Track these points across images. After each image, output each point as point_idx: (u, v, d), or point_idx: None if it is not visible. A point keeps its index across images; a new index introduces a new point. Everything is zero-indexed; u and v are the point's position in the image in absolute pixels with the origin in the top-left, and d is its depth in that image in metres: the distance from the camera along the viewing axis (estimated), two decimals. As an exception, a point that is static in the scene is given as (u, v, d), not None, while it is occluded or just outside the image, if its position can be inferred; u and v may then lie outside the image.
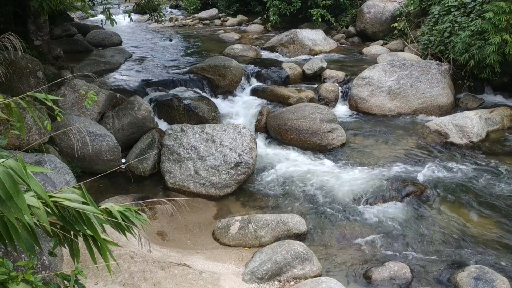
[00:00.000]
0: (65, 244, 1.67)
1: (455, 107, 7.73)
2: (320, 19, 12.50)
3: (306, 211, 4.86)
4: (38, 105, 2.60)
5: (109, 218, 1.60)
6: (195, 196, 5.19)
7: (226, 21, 15.22)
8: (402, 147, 6.32)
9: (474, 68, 7.54)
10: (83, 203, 1.55)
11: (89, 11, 13.25)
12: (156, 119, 6.50)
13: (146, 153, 5.63)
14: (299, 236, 4.33)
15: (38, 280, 1.63)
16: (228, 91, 7.96)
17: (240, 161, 5.25)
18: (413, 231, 4.51)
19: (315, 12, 12.44)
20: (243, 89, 8.21)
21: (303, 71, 8.83)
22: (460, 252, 4.18)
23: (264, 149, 6.31)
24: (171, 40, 12.32)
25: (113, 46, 10.66)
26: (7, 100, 1.72)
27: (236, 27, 14.50)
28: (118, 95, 6.53)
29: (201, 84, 7.87)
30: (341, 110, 7.76)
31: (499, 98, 7.95)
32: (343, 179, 5.48)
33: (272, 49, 10.83)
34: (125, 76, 8.20)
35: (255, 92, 8.12)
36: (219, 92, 7.90)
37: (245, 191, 5.34)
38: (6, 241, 1.41)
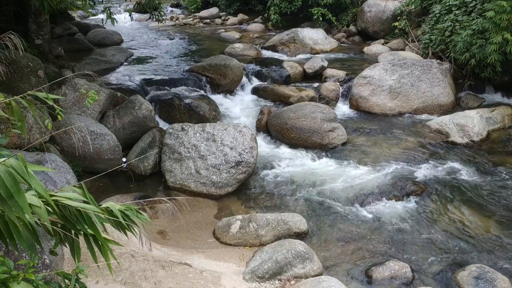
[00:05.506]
0: (66, 243, 1.66)
1: (456, 106, 7.72)
2: (321, 18, 12.50)
3: (307, 210, 4.86)
4: (39, 104, 2.60)
5: (110, 217, 1.60)
6: (195, 195, 5.19)
7: (227, 20, 15.21)
8: (403, 147, 6.32)
9: (475, 67, 7.53)
10: (84, 202, 1.55)
11: (89, 10, 13.26)
12: (157, 118, 6.50)
13: (147, 152, 5.63)
14: (300, 235, 4.33)
15: (39, 279, 1.64)
16: (228, 90, 7.96)
17: (240, 160, 5.25)
18: (413, 230, 4.51)
19: (316, 11, 12.43)
20: (244, 88, 8.21)
21: (304, 70, 8.82)
22: (460, 251, 4.18)
23: (265, 148, 6.31)
24: (171, 39, 12.31)
25: (113, 45, 10.66)
26: (8, 99, 1.72)
27: (237, 26, 14.48)
28: (119, 94, 6.53)
29: (201, 83, 7.87)
30: (342, 109, 7.76)
31: (500, 97, 7.95)
32: (344, 178, 5.48)
33: (273, 48, 10.82)
34: (126, 75, 8.20)
35: (255, 91, 8.13)
36: (220, 91, 7.90)
37: (245, 190, 5.34)
38: (7, 240, 1.41)
